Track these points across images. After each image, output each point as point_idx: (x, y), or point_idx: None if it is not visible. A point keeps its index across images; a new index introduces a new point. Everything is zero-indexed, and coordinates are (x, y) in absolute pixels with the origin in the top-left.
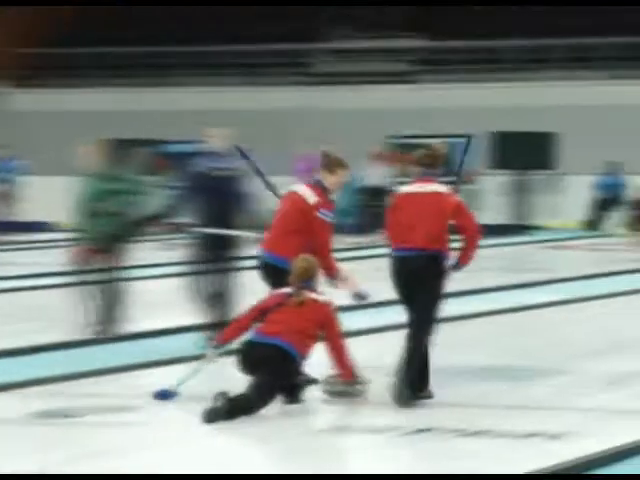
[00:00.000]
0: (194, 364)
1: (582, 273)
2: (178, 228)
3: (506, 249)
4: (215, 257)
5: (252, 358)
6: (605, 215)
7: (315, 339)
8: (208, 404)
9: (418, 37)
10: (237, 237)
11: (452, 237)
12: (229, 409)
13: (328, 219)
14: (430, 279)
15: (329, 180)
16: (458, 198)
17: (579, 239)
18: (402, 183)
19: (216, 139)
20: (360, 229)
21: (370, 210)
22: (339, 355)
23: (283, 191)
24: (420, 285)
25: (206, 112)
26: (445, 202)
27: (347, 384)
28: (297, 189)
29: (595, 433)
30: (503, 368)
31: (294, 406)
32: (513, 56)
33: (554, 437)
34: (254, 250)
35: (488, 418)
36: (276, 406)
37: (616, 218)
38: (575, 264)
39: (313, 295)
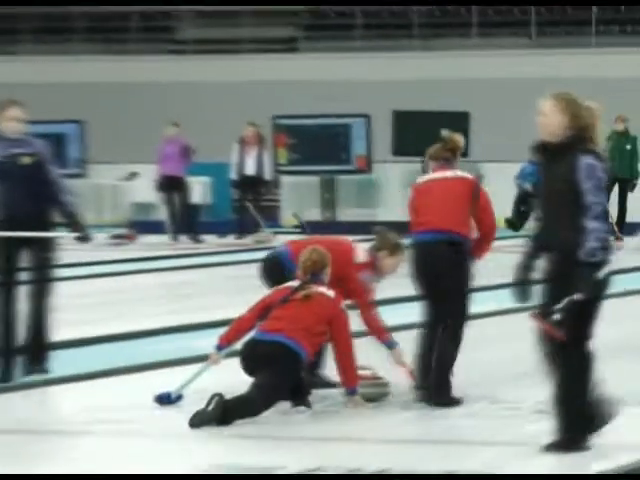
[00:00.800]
0: (198, 366)
1: (508, 281)
2: None
3: None
4: (18, 265)
5: (254, 357)
6: (531, 211)
7: (324, 337)
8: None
9: None
10: (48, 239)
11: None
12: (223, 412)
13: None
14: (453, 268)
15: (387, 262)
16: (479, 184)
17: (499, 240)
18: (287, 172)
19: (11, 120)
20: (241, 228)
21: (249, 205)
22: (344, 358)
23: None
24: (441, 276)
25: (52, 85)
26: (466, 185)
27: (367, 387)
28: (355, 243)
29: (516, 473)
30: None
31: (301, 410)
32: (418, 21)
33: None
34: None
35: (397, 455)
36: (279, 410)
37: None
38: (499, 269)
39: (321, 289)
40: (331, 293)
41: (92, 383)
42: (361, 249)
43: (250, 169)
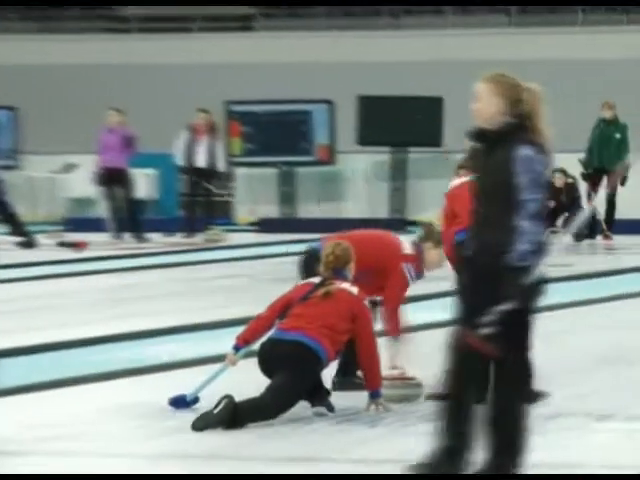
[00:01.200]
0: (215, 367)
1: None
2: None
3: None
4: None
5: (272, 358)
6: None
7: (347, 335)
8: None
9: None
10: None
11: None
12: (233, 415)
13: (409, 279)
14: None
15: (432, 254)
16: None
17: None
18: (241, 164)
19: None
20: (190, 225)
21: (197, 200)
22: (367, 358)
23: None
24: None
25: None
26: None
27: (398, 388)
28: (400, 236)
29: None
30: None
31: (321, 412)
32: None
33: None
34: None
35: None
36: (296, 412)
37: None
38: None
39: (344, 285)
40: (354, 289)
41: (29, 397)
42: (406, 241)
43: (201, 161)
